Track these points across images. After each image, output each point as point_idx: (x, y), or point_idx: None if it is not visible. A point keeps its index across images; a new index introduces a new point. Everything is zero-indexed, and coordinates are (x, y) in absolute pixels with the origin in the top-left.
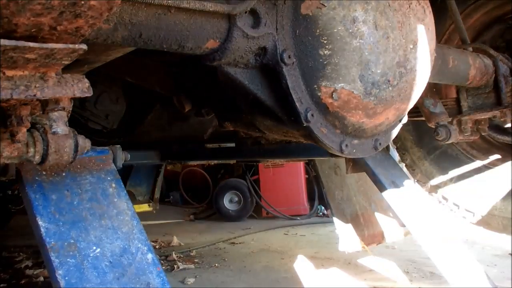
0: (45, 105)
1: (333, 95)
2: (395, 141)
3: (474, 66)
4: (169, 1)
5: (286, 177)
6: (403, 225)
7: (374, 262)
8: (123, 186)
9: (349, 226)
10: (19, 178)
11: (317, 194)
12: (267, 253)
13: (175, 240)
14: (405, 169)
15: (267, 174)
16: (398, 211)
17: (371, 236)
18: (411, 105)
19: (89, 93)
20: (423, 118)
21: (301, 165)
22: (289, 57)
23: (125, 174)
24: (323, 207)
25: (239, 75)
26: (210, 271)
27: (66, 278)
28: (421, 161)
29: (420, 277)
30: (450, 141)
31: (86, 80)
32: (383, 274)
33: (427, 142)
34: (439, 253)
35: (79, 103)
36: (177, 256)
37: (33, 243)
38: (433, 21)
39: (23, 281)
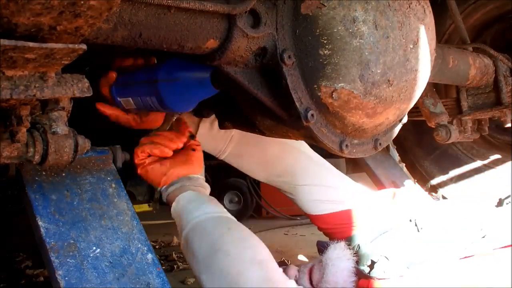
0: (45, 105)
1: (333, 95)
2: (395, 141)
3: (474, 66)
4: (169, 1)
5: None
6: None
7: None
8: (123, 186)
9: None
10: (19, 178)
11: None
12: None
13: (175, 240)
14: (405, 169)
15: None
16: None
17: None
18: (411, 105)
19: (89, 93)
20: (423, 118)
21: None
22: (289, 57)
23: (125, 174)
24: None
25: (239, 75)
26: None
27: (66, 278)
28: (421, 161)
29: None
30: (450, 141)
31: (86, 80)
32: None
33: (427, 142)
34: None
35: (79, 103)
36: (177, 256)
37: (33, 243)
38: (433, 21)
39: (23, 281)
